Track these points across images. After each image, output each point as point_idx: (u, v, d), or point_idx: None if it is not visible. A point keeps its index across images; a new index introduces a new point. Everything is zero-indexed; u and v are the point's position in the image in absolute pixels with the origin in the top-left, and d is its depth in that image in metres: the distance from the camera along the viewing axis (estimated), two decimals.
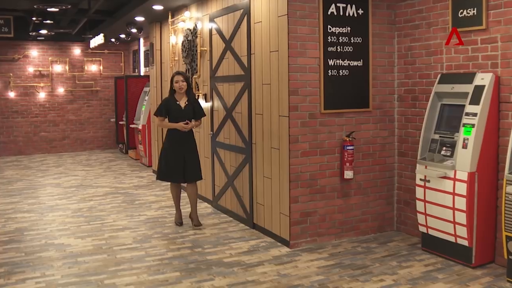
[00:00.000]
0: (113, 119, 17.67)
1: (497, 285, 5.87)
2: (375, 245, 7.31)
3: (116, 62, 18.71)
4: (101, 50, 18.16)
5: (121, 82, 16.27)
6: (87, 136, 18.41)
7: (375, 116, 7.67)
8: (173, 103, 8.06)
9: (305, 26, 7.08)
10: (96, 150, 18.48)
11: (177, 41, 11.33)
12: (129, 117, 15.60)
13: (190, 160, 8.13)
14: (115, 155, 17.32)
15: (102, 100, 18.48)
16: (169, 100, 8.13)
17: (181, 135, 8.03)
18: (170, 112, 8.06)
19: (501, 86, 6.32)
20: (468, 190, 6.17)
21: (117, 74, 18.20)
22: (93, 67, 18.31)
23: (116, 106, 16.90)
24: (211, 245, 7.44)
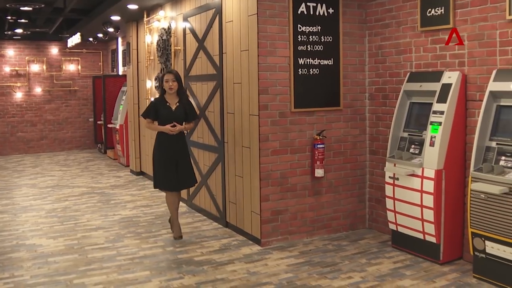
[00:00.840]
0: (91, 119, 17.62)
1: (463, 281, 5.92)
2: (346, 242, 7.35)
3: (94, 61, 18.66)
4: (79, 49, 18.10)
5: (99, 82, 16.25)
6: (65, 136, 18.34)
7: (346, 115, 7.71)
8: (163, 105, 7.43)
9: (275, 25, 7.11)
10: (74, 150, 18.42)
11: (153, 41, 11.33)
12: (107, 116, 15.56)
13: (183, 166, 7.58)
14: (94, 155, 17.27)
15: (81, 99, 18.41)
16: (159, 101, 7.51)
17: (171, 139, 7.43)
18: (160, 114, 7.42)
19: (468, 85, 6.37)
20: (435, 188, 6.23)
21: (95, 73, 18.14)
22: (71, 66, 18.24)
23: (94, 106, 16.87)
24: (182, 244, 7.47)
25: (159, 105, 7.46)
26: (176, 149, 7.50)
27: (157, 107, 7.46)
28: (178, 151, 7.52)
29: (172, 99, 7.48)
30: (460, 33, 6.43)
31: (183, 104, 7.48)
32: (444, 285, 5.82)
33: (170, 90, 7.40)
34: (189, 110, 7.54)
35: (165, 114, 7.40)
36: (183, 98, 7.53)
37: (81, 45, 17.26)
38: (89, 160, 16.20)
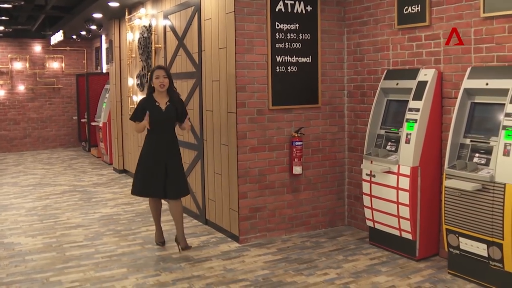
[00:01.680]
0: (75, 117, 17.57)
1: (438, 277, 5.96)
2: (324, 239, 7.38)
3: (78, 59, 18.61)
4: (63, 47, 18.06)
5: (82, 80, 16.21)
6: (49, 135, 18.29)
7: (325, 112, 7.73)
8: (152, 104, 6.73)
9: (252, 23, 7.11)
10: (58, 148, 18.37)
11: (134, 38, 11.32)
12: (90, 114, 15.54)
13: (173, 171, 6.80)
14: (78, 153, 17.23)
15: (65, 97, 18.36)
16: (147, 100, 6.81)
17: (162, 140, 6.75)
18: (149, 114, 6.70)
19: (444, 82, 6.41)
20: (411, 185, 6.26)
21: (79, 71, 18.09)
22: (54, 64, 18.19)
23: (78, 104, 16.83)
24: None
25: (147, 105, 6.75)
26: (167, 151, 6.80)
27: (145, 107, 6.73)
28: (169, 154, 6.81)
29: (161, 98, 6.79)
30: (436, 31, 6.47)
31: (173, 103, 6.80)
32: (418, 281, 5.85)
33: (161, 88, 6.72)
34: (181, 109, 6.89)
35: (155, 114, 6.69)
36: (173, 96, 6.84)
37: (65, 42, 17.22)
38: (72, 158, 16.16)
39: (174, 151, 6.88)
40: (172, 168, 6.82)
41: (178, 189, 6.90)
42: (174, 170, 6.83)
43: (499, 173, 5.28)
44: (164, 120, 6.77)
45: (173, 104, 6.82)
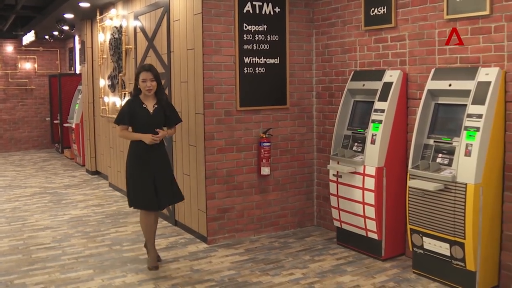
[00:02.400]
0: (48, 118, 17.45)
1: (402, 276, 6.01)
2: (293, 240, 7.41)
3: (52, 59, 18.49)
4: (36, 47, 17.92)
5: (55, 81, 16.11)
6: (21, 136, 18.14)
7: (293, 113, 7.76)
8: (139, 107, 6.19)
9: (220, 24, 7.13)
10: (31, 150, 18.23)
11: (106, 39, 11.28)
12: (63, 116, 15.45)
13: (163, 181, 6.30)
14: (51, 154, 17.12)
15: (38, 98, 18.23)
16: (134, 103, 6.24)
17: (148, 148, 6.15)
18: (135, 119, 6.18)
19: (409, 83, 6.46)
20: (376, 185, 6.30)
21: (53, 72, 17.97)
22: (27, 65, 18.05)
23: (51, 105, 16.73)
24: (130, 242, 7.45)
25: (134, 108, 6.19)
26: (155, 160, 6.25)
27: (132, 110, 6.18)
28: (157, 163, 6.27)
29: (149, 101, 6.26)
30: (401, 32, 6.53)
31: (162, 106, 6.28)
32: (383, 281, 5.90)
33: (148, 92, 6.16)
34: (170, 113, 6.38)
35: (142, 118, 6.16)
36: (162, 99, 6.30)
37: (38, 43, 17.10)
38: (45, 160, 16.05)
39: (163, 158, 6.35)
40: (163, 177, 6.30)
41: (173, 197, 6.57)
42: (165, 178, 6.33)
43: (460, 173, 5.34)
44: (152, 124, 6.19)
45: (161, 107, 6.29)
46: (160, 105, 6.30)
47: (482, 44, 5.65)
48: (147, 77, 6.16)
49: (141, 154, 6.22)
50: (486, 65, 5.58)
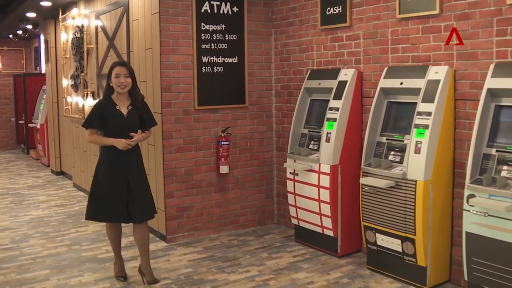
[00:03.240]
0: (13, 119, 17.32)
1: (357, 273, 6.09)
2: (252, 238, 7.46)
3: (17, 59, 18.34)
4: (0, 46, 17.73)
5: (19, 80, 16.00)
6: None
7: (252, 112, 7.81)
8: (111, 109, 5.57)
9: (178, 23, 7.15)
10: None
11: (68, 38, 11.23)
12: (28, 116, 15.36)
13: (137, 189, 5.66)
14: (16, 155, 16.97)
15: (2, 98, 18.06)
16: (105, 104, 5.62)
17: (122, 154, 5.56)
18: (107, 122, 5.56)
19: (364, 82, 6.55)
20: (331, 182, 6.38)
21: (18, 71, 17.81)
22: None
23: (16, 105, 16.62)
24: (90, 242, 7.45)
25: (105, 109, 5.58)
26: (129, 167, 5.66)
27: (103, 112, 5.56)
28: (131, 170, 5.67)
29: (122, 101, 5.64)
30: (355, 32, 6.61)
31: (137, 107, 5.68)
32: (337, 277, 5.98)
33: (122, 89, 5.54)
34: (146, 115, 5.78)
35: (115, 121, 5.55)
36: (136, 99, 5.69)
37: (2, 42, 16.98)
38: (10, 160, 15.92)
39: (137, 165, 5.74)
40: (137, 185, 5.64)
41: (145, 210, 5.74)
42: (138, 188, 5.65)
43: (410, 170, 5.43)
44: (126, 127, 5.58)
45: (136, 109, 5.67)
46: (135, 106, 5.67)
47: (432, 43, 5.75)
48: (121, 72, 5.55)
49: (114, 160, 5.59)
50: (437, 63, 5.68)
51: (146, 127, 5.88)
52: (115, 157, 5.61)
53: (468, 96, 5.44)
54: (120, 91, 5.60)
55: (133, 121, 5.67)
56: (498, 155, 4.91)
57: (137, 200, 5.65)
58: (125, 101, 5.68)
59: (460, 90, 5.51)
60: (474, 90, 5.35)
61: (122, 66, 5.63)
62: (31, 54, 18.41)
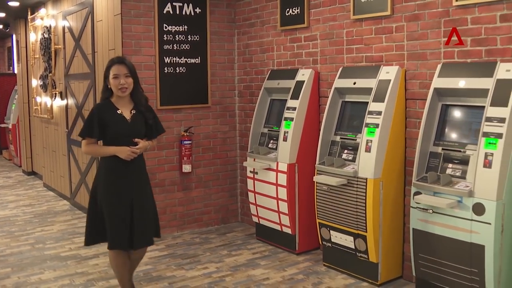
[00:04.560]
0: None
1: (313, 269, 6.21)
2: (214, 236, 7.56)
3: None
4: None
5: None
6: None
7: (215, 112, 7.91)
8: (112, 113, 4.77)
9: (140, 25, 7.24)
10: None
11: (37, 39, 11.27)
12: (0, 116, 15.36)
13: (143, 211, 4.85)
14: None
15: None
16: (104, 108, 4.81)
17: (124, 168, 4.77)
18: (108, 129, 4.73)
19: (321, 82, 6.67)
20: (288, 181, 6.49)
21: None
22: None
23: None
24: (53, 240, 7.51)
25: (105, 115, 4.75)
26: (134, 182, 4.85)
27: (103, 118, 4.73)
28: (136, 187, 4.85)
29: (124, 104, 4.84)
30: (313, 32, 6.73)
31: (141, 111, 4.89)
32: (293, 273, 6.10)
33: (123, 92, 4.75)
34: (152, 120, 5.00)
35: (118, 128, 4.74)
36: (140, 102, 4.91)
37: None
38: None
39: (143, 179, 4.95)
40: (142, 206, 4.85)
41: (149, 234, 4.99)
42: (144, 209, 4.87)
43: (361, 168, 5.55)
44: (130, 135, 4.78)
45: (141, 113, 4.89)
46: (139, 110, 4.87)
47: (384, 43, 5.88)
48: (120, 72, 4.70)
49: (115, 176, 4.79)
50: (388, 63, 5.82)
51: (153, 135, 5.07)
52: (116, 172, 4.76)
53: (418, 95, 5.57)
54: (121, 95, 4.75)
55: (139, 128, 4.84)
56: (444, 153, 5.04)
57: (142, 224, 4.81)
58: (127, 105, 4.83)
59: (411, 90, 5.63)
60: (423, 89, 5.48)
61: (121, 64, 4.74)
62: (5, 54, 18.38)
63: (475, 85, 4.84)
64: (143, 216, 4.83)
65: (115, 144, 4.73)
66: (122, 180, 4.80)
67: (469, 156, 4.83)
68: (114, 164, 4.76)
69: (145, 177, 5.00)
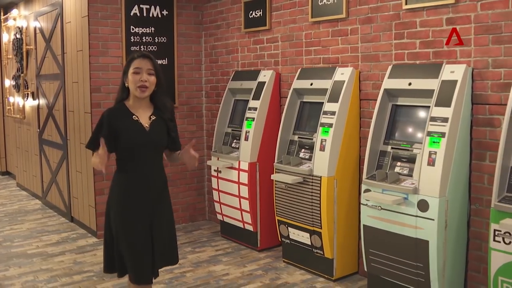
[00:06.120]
0: None
1: (272, 265, 6.38)
2: (181, 233, 7.71)
3: None
4: None
5: None
6: None
7: (182, 112, 8.06)
8: (126, 120, 3.90)
9: (107, 26, 7.38)
10: None
11: (10, 39, 11.36)
12: None
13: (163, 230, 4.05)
14: None
15: None
16: (116, 113, 3.95)
17: (143, 180, 3.94)
18: (121, 139, 3.88)
19: (282, 83, 6.84)
20: (249, 179, 6.66)
21: None
22: None
23: None
24: (22, 238, 7.62)
25: (116, 121, 3.89)
26: (151, 202, 3.99)
27: (113, 126, 3.88)
28: (156, 209, 4.01)
29: (142, 109, 3.97)
30: (274, 34, 6.91)
31: (162, 119, 4.01)
32: (252, 269, 6.27)
33: (142, 92, 3.86)
34: (175, 132, 4.15)
35: (131, 137, 3.88)
36: (164, 107, 4.04)
37: None
38: None
39: (163, 199, 4.10)
40: (161, 231, 4.03)
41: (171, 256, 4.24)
42: (164, 227, 4.06)
43: (316, 167, 5.73)
44: (147, 145, 3.91)
45: (162, 120, 4.00)
46: (160, 117, 4.00)
47: (340, 45, 6.06)
48: (142, 66, 3.86)
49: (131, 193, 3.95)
50: (344, 65, 6.00)
51: (175, 146, 4.19)
52: (133, 188, 3.94)
53: (371, 96, 5.75)
54: (140, 95, 3.86)
55: (159, 137, 3.98)
56: (393, 152, 5.22)
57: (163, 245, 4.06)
58: (146, 109, 3.98)
59: (364, 91, 5.82)
60: (376, 90, 5.66)
61: (145, 58, 3.89)
62: None
63: (422, 86, 5.02)
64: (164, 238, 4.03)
65: (131, 159, 3.87)
66: (137, 202, 3.92)
67: (416, 155, 5.00)
68: (126, 181, 3.92)
69: (166, 195, 4.11)
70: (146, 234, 3.91)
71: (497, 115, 4.72)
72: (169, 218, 4.11)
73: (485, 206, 4.79)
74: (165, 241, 4.04)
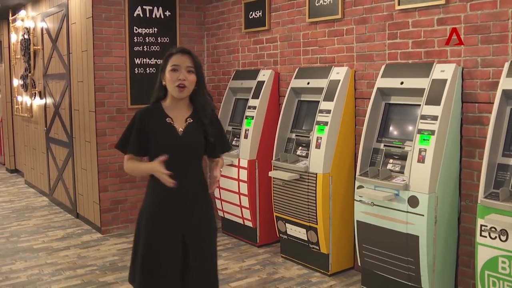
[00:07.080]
0: None
1: (270, 260, 6.53)
2: None
3: None
4: None
5: None
6: None
7: None
8: (159, 122, 3.61)
9: (110, 27, 7.55)
10: None
11: (18, 39, 11.55)
12: None
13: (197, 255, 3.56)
14: None
15: None
16: (149, 114, 3.68)
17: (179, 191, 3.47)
18: (154, 142, 3.56)
19: (281, 82, 7.00)
20: (248, 176, 6.81)
21: None
22: None
23: None
24: (28, 234, 7.79)
25: (149, 123, 3.61)
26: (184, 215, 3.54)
27: (144, 128, 3.60)
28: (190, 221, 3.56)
29: (178, 111, 3.65)
30: (273, 35, 7.06)
31: (201, 122, 3.63)
32: (250, 264, 6.42)
33: (180, 91, 3.54)
34: (217, 135, 3.73)
35: (162, 140, 3.55)
36: (203, 110, 3.66)
37: None
38: None
39: (201, 214, 3.62)
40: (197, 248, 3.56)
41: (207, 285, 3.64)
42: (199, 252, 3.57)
43: (312, 164, 5.88)
44: (180, 152, 3.54)
45: (200, 124, 3.63)
46: (198, 120, 3.63)
47: (336, 45, 6.21)
48: (181, 63, 3.54)
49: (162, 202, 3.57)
50: (340, 64, 6.15)
51: (216, 153, 3.78)
52: (164, 198, 3.54)
53: (365, 95, 5.89)
54: (178, 95, 3.55)
55: (193, 143, 3.59)
56: (385, 149, 5.36)
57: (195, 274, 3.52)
58: (183, 111, 3.64)
59: (359, 89, 5.96)
60: (370, 89, 5.80)
61: (185, 54, 3.59)
62: None
63: (413, 85, 5.16)
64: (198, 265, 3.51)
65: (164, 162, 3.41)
66: (168, 213, 3.53)
67: (407, 152, 5.14)
68: (159, 188, 3.49)
69: (206, 210, 3.62)
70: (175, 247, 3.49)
71: (486, 113, 4.84)
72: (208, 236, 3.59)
73: (475, 202, 4.90)
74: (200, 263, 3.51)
